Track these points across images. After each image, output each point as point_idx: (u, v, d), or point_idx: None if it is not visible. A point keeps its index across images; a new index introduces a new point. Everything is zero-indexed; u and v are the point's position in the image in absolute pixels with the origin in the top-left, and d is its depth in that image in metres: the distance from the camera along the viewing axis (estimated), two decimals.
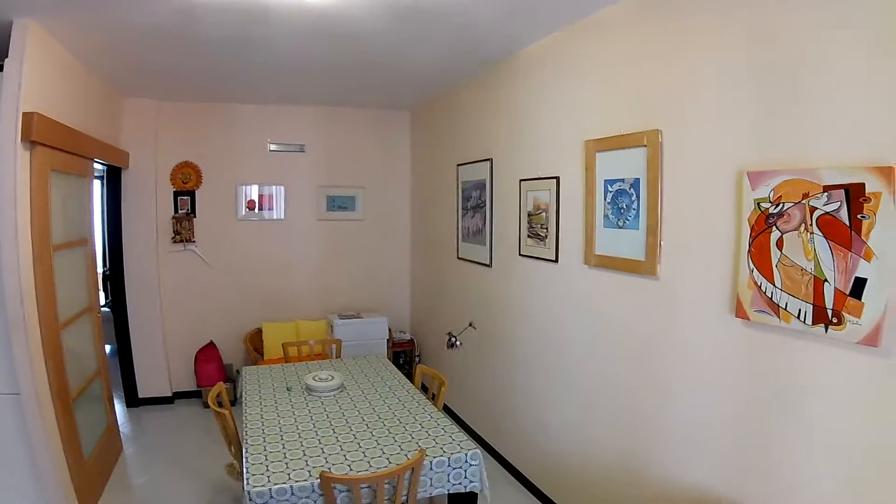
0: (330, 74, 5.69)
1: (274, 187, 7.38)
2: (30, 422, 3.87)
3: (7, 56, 3.76)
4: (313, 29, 4.21)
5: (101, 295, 7.27)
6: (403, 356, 7.48)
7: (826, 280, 2.34)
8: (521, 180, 4.81)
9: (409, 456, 3.28)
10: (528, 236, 4.71)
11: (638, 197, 3.46)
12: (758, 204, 2.63)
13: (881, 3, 2.16)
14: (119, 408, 6.55)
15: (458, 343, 5.39)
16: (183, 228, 6.92)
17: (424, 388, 4.74)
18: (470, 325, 5.59)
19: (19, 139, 3.72)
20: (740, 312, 2.76)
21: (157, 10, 3.78)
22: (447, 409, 6.28)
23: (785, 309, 2.53)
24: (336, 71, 5.54)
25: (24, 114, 3.74)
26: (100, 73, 5.36)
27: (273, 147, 7.33)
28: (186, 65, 5.23)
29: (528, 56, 4.69)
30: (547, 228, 4.46)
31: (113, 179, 6.52)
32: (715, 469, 3.00)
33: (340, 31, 4.25)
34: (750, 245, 2.70)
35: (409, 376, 6.10)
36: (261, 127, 7.26)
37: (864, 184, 2.17)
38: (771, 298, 2.60)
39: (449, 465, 3.31)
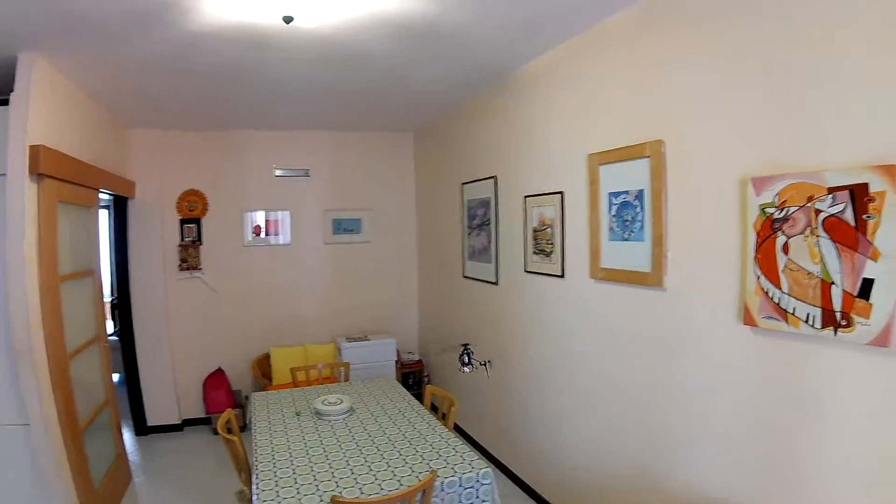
0: (333, 99, 5.71)
1: (280, 213, 7.39)
2: (39, 452, 3.89)
3: (13, 90, 3.81)
4: (315, 54, 4.24)
5: (109, 323, 7.29)
6: (412, 377, 7.45)
7: (833, 282, 2.33)
8: (525, 196, 4.81)
9: (420, 477, 3.26)
10: (534, 252, 4.70)
11: (643, 208, 3.45)
12: (763, 209, 2.63)
13: (881, 2, 2.17)
14: (128, 436, 6.55)
15: (469, 365, 5.06)
16: (189, 256, 6.94)
17: (434, 409, 4.71)
18: (485, 364, 5.38)
19: (27, 172, 3.77)
20: (748, 320, 2.75)
21: (159, 42, 3.83)
22: (458, 430, 6.24)
23: (793, 314, 2.51)
24: (339, 95, 5.56)
25: (31, 147, 3.80)
26: (105, 105, 5.43)
27: (279, 172, 7.35)
28: (191, 94, 5.28)
29: (529, 73, 4.70)
30: (552, 244, 4.45)
31: (119, 209, 6.57)
32: (733, 477, 2.96)
33: (343, 55, 4.28)
34: (756, 251, 2.68)
35: (419, 397, 6.08)
36: (266, 153, 7.28)
37: (867, 183, 2.17)
38: (778, 304, 2.58)
39: (460, 486, 3.28)
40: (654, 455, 3.53)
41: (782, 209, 2.53)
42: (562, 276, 4.35)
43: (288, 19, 3.35)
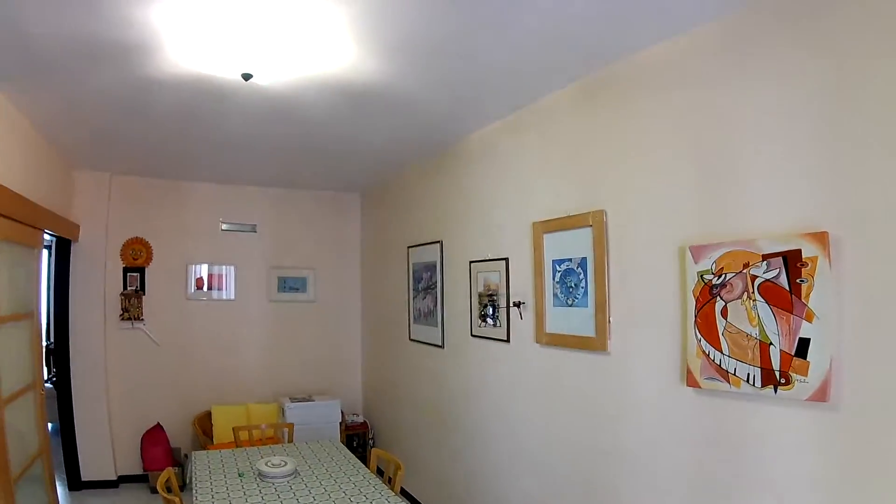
0: (281, 155, 5.78)
1: (224, 267, 7.33)
2: None
3: None
4: (264, 109, 4.30)
5: (45, 370, 7.06)
6: (357, 439, 7.35)
7: (771, 343, 2.45)
8: (471, 262, 4.90)
9: None
10: (480, 317, 4.76)
11: (586, 275, 3.59)
12: (701, 276, 2.77)
13: (803, 86, 2.39)
14: (61, 491, 6.17)
15: (493, 318, 4.61)
16: (131, 305, 6.78)
17: (380, 472, 4.67)
18: (518, 305, 4.44)
19: None
20: (691, 381, 2.85)
21: (116, 83, 3.82)
22: (405, 493, 6.17)
23: (734, 374, 2.63)
24: (287, 151, 5.64)
25: None
26: (55, 142, 5.32)
27: (225, 226, 7.32)
28: (142, 138, 5.25)
29: (476, 141, 4.85)
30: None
31: (62, 251, 6.39)
32: None
33: (291, 113, 4.37)
34: (696, 316, 2.81)
35: (364, 459, 6.01)
36: (213, 206, 7.26)
37: (800, 250, 2.32)
38: (720, 365, 2.70)
39: None
40: None
41: (720, 275, 2.68)
42: (507, 340, 4.42)
43: (247, 76, 3.41)
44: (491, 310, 4.41)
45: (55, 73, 3.68)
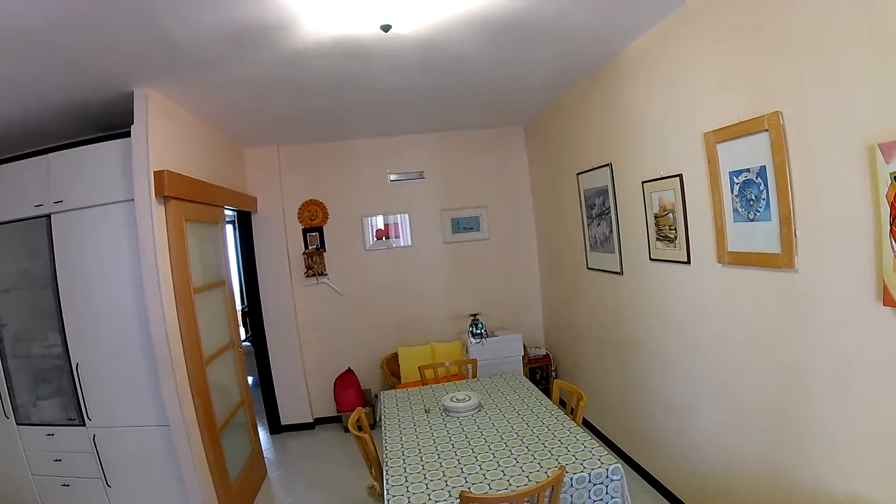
0: (437, 101, 5.77)
1: (398, 216, 7.53)
2: (179, 450, 4.24)
3: (133, 123, 4.13)
4: (414, 59, 4.29)
5: (242, 331, 7.63)
6: (540, 372, 7.38)
7: None
8: (643, 182, 4.64)
9: (548, 473, 3.22)
10: (658, 239, 4.54)
11: (766, 186, 3.22)
12: (894, 178, 2.36)
13: None
14: (263, 434, 6.94)
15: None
16: (314, 263, 7.19)
17: (563, 404, 4.65)
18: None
19: (153, 195, 4.10)
20: (888, 300, 2.46)
21: (261, 63, 4.01)
22: (586, 424, 6.15)
23: None
24: (442, 97, 5.61)
25: (155, 172, 4.13)
26: (220, 127, 5.72)
27: (393, 177, 7.48)
28: (298, 110, 5.48)
29: (631, 55, 4.54)
30: (675, 229, 4.27)
31: (244, 223, 6.93)
32: (871, 476, 2.71)
33: (441, 58, 4.31)
34: (892, 224, 2.40)
35: (547, 392, 6.01)
36: (379, 159, 7.44)
37: None
38: None
39: (590, 482, 3.21)
40: (784, 449, 3.31)
41: None
42: (688, 262, 4.16)
43: (386, 28, 3.41)
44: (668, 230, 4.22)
45: (199, 65, 3.93)
